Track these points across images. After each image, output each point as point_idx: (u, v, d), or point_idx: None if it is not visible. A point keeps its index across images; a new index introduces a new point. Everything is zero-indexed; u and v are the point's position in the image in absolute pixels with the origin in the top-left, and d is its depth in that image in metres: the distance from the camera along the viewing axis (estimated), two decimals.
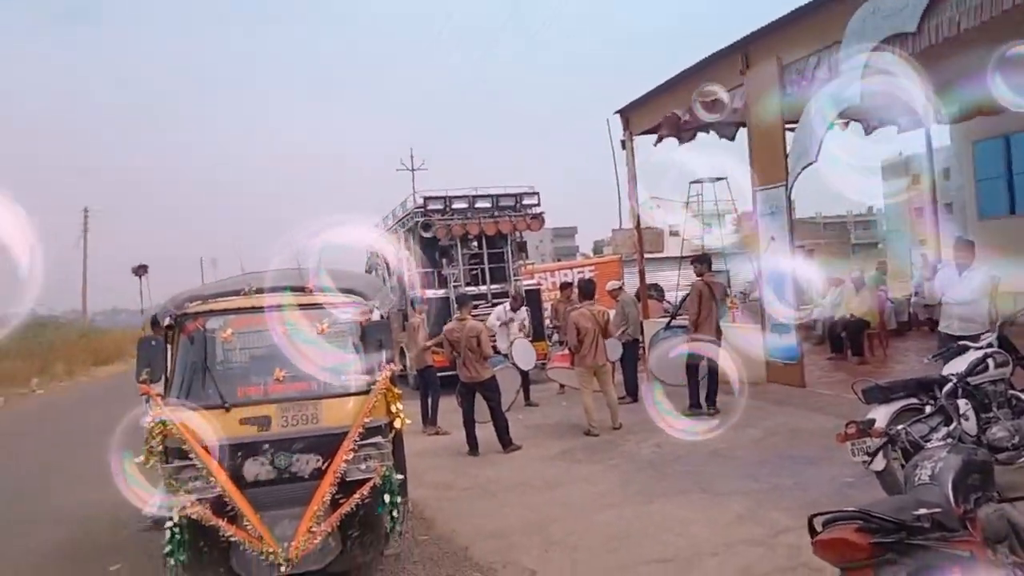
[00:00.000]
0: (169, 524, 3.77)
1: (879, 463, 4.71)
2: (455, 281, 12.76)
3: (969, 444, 4.16)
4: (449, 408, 9.24)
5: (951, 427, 3.94)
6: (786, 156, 9.41)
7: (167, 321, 4.35)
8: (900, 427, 4.10)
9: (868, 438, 4.58)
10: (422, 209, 12.91)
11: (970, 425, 4.77)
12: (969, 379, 4.93)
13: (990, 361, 5.20)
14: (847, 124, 12.47)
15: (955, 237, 7.98)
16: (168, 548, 3.79)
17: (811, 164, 9.09)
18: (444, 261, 13.03)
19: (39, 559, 5.69)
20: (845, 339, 10.99)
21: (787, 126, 9.71)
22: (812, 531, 2.73)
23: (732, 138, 12.39)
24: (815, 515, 2.74)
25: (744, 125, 10.77)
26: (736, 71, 10.17)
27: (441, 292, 12.61)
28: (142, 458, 4.02)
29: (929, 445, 3.57)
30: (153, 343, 4.11)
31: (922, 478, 3.06)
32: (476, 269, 13.28)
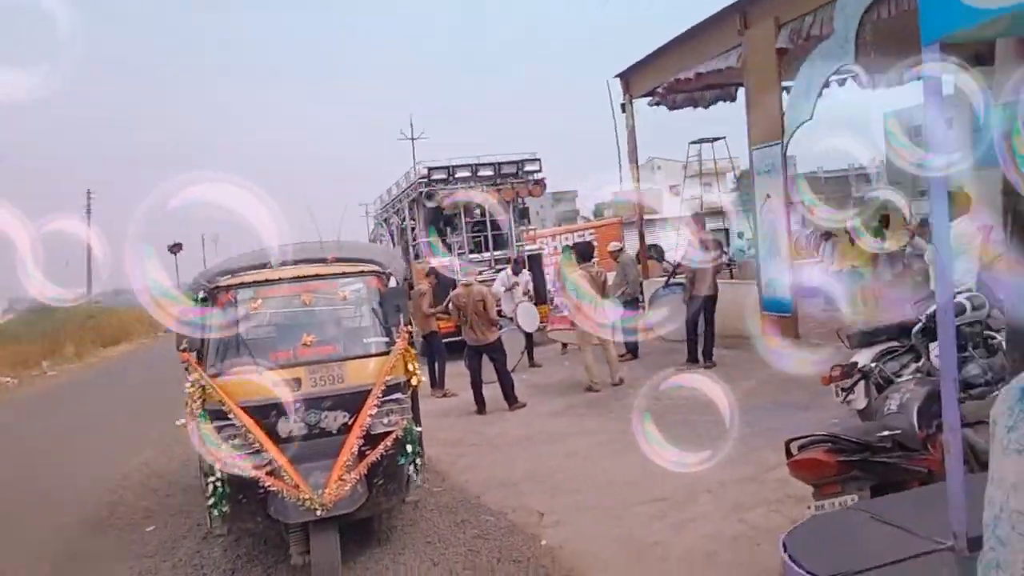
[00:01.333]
0: (211, 480, 4.16)
1: (860, 402, 5.08)
2: (459, 249, 13.08)
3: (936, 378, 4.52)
4: (454, 371, 9.65)
5: (920, 363, 4.28)
6: (782, 115, 9.64)
7: (201, 294, 4.70)
8: (874, 364, 4.46)
9: (851, 379, 4.95)
10: (425, 179, 13.17)
11: None
12: None
13: (967, 304, 5.53)
14: (844, 81, 12.62)
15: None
16: (212, 501, 4.19)
17: (806, 122, 9.33)
18: (448, 229, 13.34)
19: (74, 531, 5.89)
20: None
21: (783, 84, 9.93)
22: (789, 454, 3.10)
23: (733, 99, 12.60)
24: (791, 440, 3.11)
25: (742, 85, 10.98)
26: (734, 31, 10.35)
27: (446, 260, 12.94)
28: (183, 421, 4.41)
29: (899, 380, 3.93)
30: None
31: (891, 408, 3.44)
32: (479, 236, 13.59)
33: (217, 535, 4.53)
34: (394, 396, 4.46)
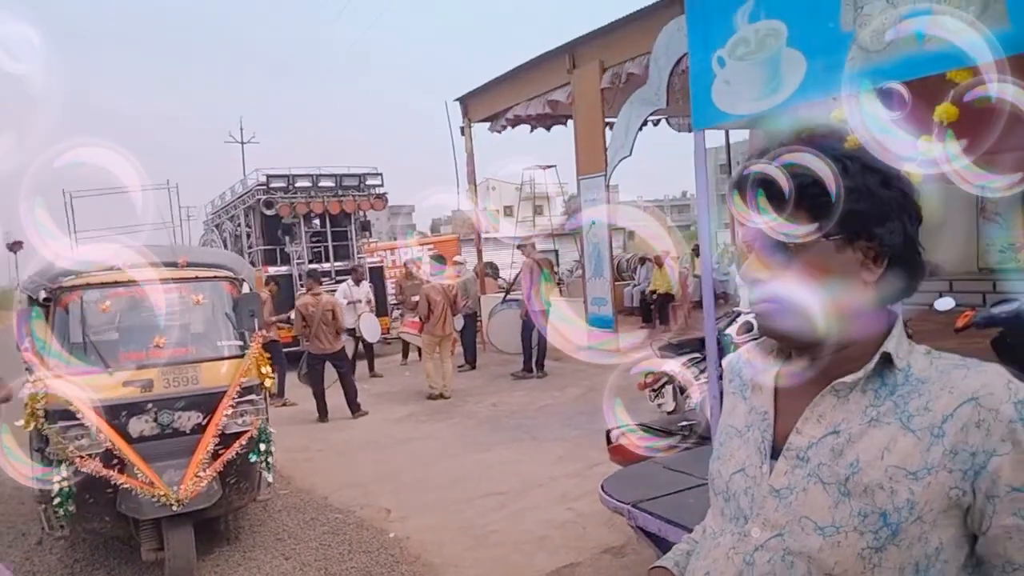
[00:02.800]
0: (58, 479, 4.09)
1: (669, 404, 5.89)
2: (298, 258, 13.00)
3: None
4: (292, 382, 9.65)
5: None
6: (605, 149, 10.62)
7: (42, 295, 4.57)
8: (677, 370, 5.26)
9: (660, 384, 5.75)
10: (264, 187, 12.99)
11: None
12: (733, 336, 6.24)
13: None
14: (658, 122, 14.01)
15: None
16: (56, 501, 4.11)
17: (626, 157, 10.37)
18: (287, 238, 13.21)
19: None
20: (654, 310, 12.58)
21: (607, 121, 10.94)
22: (609, 442, 3.70)
23: (565, 124, 13.55)
24: (611, 429, 3.71)
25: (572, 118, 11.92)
26: (564, 70, 11.26)
27: (284, 269, 12.82)
28: (22, 422, 4.27)
29: (697, 383, 4.71)
30: (32, 314, 4.34)
31: (690, 405, 4.16)
32: (319, 247, 13.57)
33: (57, 538, 4.41)
34: (249, 397, 4.60)
